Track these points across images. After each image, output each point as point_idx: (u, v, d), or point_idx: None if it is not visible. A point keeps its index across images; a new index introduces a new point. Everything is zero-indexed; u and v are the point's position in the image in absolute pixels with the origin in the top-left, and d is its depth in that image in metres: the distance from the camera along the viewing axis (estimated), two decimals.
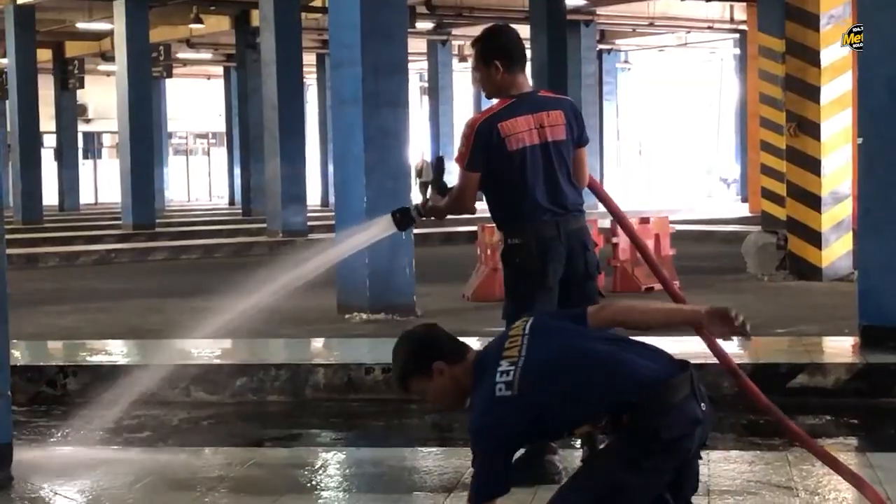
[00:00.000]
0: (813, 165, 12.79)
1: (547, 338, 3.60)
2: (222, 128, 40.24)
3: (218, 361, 8.25)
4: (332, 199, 15.31)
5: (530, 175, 4.86)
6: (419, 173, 35.24)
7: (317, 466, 5.56)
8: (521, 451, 4.91)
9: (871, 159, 7.97)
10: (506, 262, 5.00)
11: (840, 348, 8.14)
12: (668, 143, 48.58)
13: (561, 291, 4.94)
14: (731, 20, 31.27)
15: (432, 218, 5.12)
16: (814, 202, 12.76)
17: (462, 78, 39.62)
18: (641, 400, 3.39)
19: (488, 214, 5.12)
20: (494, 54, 4.94)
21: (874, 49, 7.90)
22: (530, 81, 5.14)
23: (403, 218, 5.07)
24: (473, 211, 5.00)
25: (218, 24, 29.90)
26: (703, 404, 3.47)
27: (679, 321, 3.62)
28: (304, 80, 24.29)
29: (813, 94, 12.78)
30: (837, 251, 12.73)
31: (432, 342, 3.67)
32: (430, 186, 5.14)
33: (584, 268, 4.98)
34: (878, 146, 7.85)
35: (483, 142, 4.84)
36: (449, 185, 5.08)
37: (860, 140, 8.06)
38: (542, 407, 3.45)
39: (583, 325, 3.69)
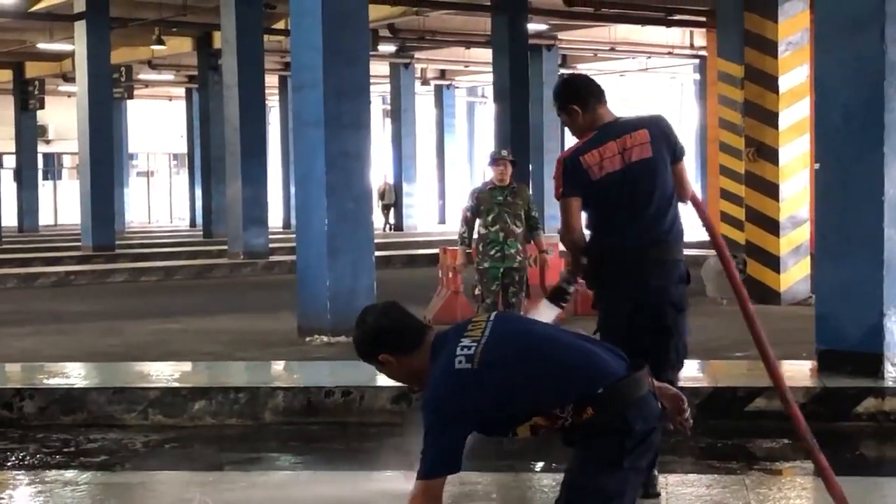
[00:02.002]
0: (771, 190, 12.91)
1: (512, 324, 3.60)
2: (184, 149, 40.09)
3: (177, 384, 8.20)
4: (293, 221, 15.35)
5: (612, 202, 4.96)
6: (381, 196, 35.25)
7: (275, 490, 5.53)
8: None
9: (827, 184, 8.05)
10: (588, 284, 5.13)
11: (798, 372, 8.20)
12: None
13: (632, 323, 4.99)
14: (691, 46, 31.52)
15: (579, 278, 5.15)
16: (772, 227, 12.88)
17: (424, 101, 39.73)
18: (607, 392, 3.34)
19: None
20: (569, 101, 5.16)
21: (831, 76, 7.99)
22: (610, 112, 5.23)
23: (558, 294, 5.06)
24: (582, 237, 5.04)
25: (180, 46, 29.83)
26: (659, 402, 3.47)
27: None
28: (267, 101, 24.23)
29: (771, 119, 12.92)
30: (795, 275, 12.83)
31: (380, 335, 3.55)
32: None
33: (656, 301, 4.99)
34: (835, 171, 7.93)
35: (570, 173, 5.01)
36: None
37: (817, 165, 8.15)
38: (502, 384, 3.34)
39: None
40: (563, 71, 34.55)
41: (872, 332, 7.68)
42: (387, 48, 30.05)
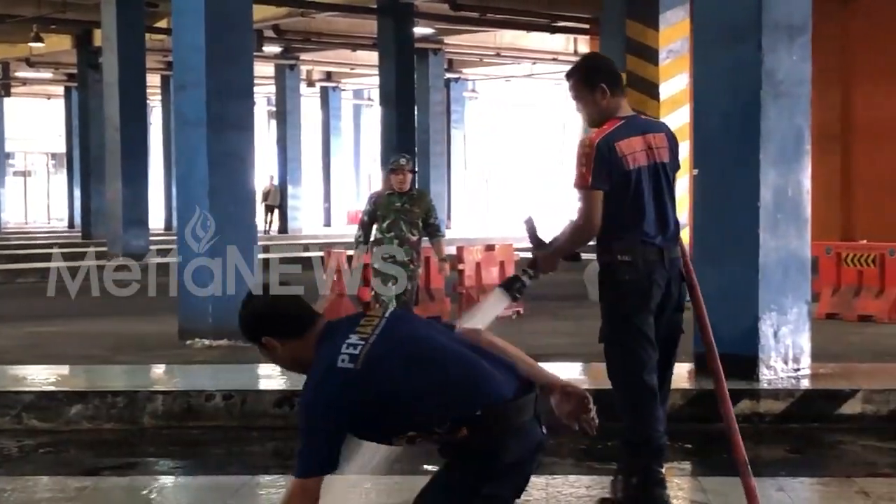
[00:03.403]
0: None
1: (407, 325, 3.41)
2: (62, 149, 39.30)
3: (52, 388, 8.02)
4: (175, 223, 15.19)
5: (644, 196, 4.83)
6: (265, 197, 34.96)
7: (154, 495, 5.45)
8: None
9: (705, 191, 8.20)
10: (611, 280, 4.89)
11: (675, 374, 8.29)
12: (514, 171, 49.23)
13: (661, 315, 4.93)
14: (575, 52, 31.84)
15: (549, 272, 4.94)
16: None
17: (310, 103, 39.52)
18: (485, 414, 3.20)
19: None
20: (600, 78, 4.91)
21: (709, 84, 8.14)
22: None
23: (514, 285, 4.81)
24: (597, 233, 4.82)
25: (59, 44, 29.22)
26: (542, 427, 3.33)
27: (536, 381, 3.41)
28: (148, 101, 23.92)
29: None
30: None
31: (264, 317, 3.43)
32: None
33: (678, 297, 4.96)
34: (713, 178, 8.08)
35: (604, 159, 4.76)
36: (545, 239, 4.92)
37: (696, 172, 8.29)
38: (383, 390, 3.21)
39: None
40: (448, 75, 34.73)
41: (748, 335, 7.84)
42: (272, 49, 29.83)
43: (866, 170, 21.19)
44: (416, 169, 9.86)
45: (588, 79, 4.92)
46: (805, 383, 7.79)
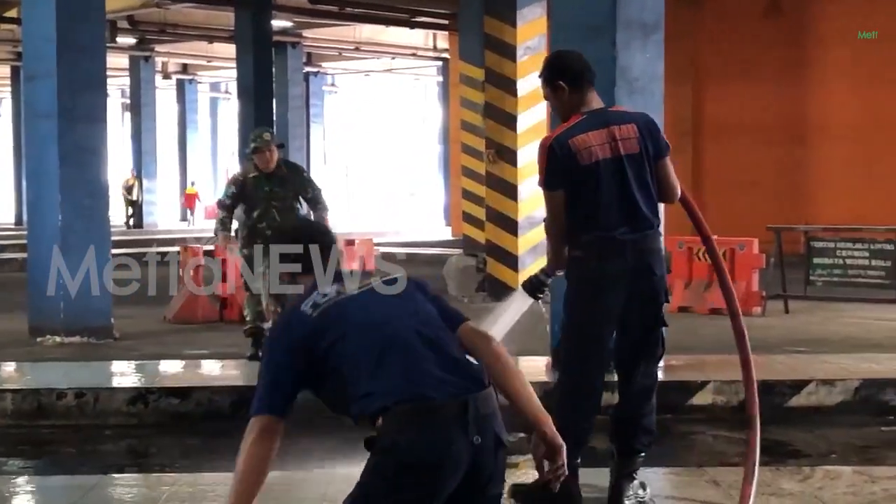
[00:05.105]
0: (510, 191, 13.24)
1: (383, 298, 3.28)
2: None
3: None
4: (26, 217, 14.81)
5: (603, 190, 4.79)
6: (128, 190, 34.30)
7: (4, 496, 5.30)
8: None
9: None
10: (569, 277, 4.93)
11: (533, 367, 8.42)
12: (374, 165, 49.23)
13: (622, 315, 4.86)
14: (435, 48, 32.01)
15: (559, 272, 5.02)
16: (511, 226, 13.21)
17: (165, 95, 38.89)
18: (396, 409, 3.03)
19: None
20: (557, 75, 4.93)
21: None
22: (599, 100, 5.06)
23: (535, 286, 5.02)
24: (565, 230, 4.88)
25: None
26: (476, 437, 3.06)
27: (520, 410, 3.20)
28: None
29: (510, 122, 13.25)
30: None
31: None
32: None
33: (649, 291, 4.88)
34: None
35: (557, 158, 4.80)
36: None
37: None
38: (326, 346, 3.12)
39: (451, 325, 3.28)
40: (307, 69, 34.52)
41: None
42: (126, 40, 29.24)
43: (716, 166, 21.78)
44: (283, 143, 9.00)
45: (548, 77, 5.00)
46: (658, 375, 7.93)
